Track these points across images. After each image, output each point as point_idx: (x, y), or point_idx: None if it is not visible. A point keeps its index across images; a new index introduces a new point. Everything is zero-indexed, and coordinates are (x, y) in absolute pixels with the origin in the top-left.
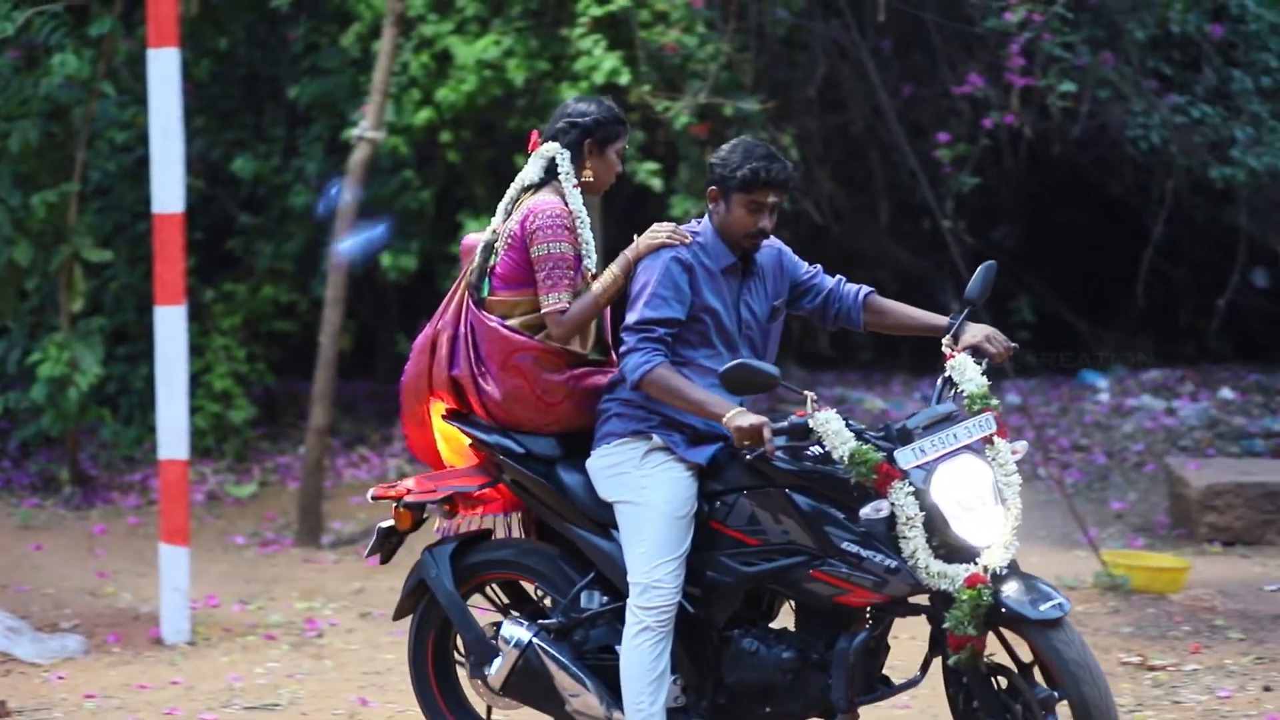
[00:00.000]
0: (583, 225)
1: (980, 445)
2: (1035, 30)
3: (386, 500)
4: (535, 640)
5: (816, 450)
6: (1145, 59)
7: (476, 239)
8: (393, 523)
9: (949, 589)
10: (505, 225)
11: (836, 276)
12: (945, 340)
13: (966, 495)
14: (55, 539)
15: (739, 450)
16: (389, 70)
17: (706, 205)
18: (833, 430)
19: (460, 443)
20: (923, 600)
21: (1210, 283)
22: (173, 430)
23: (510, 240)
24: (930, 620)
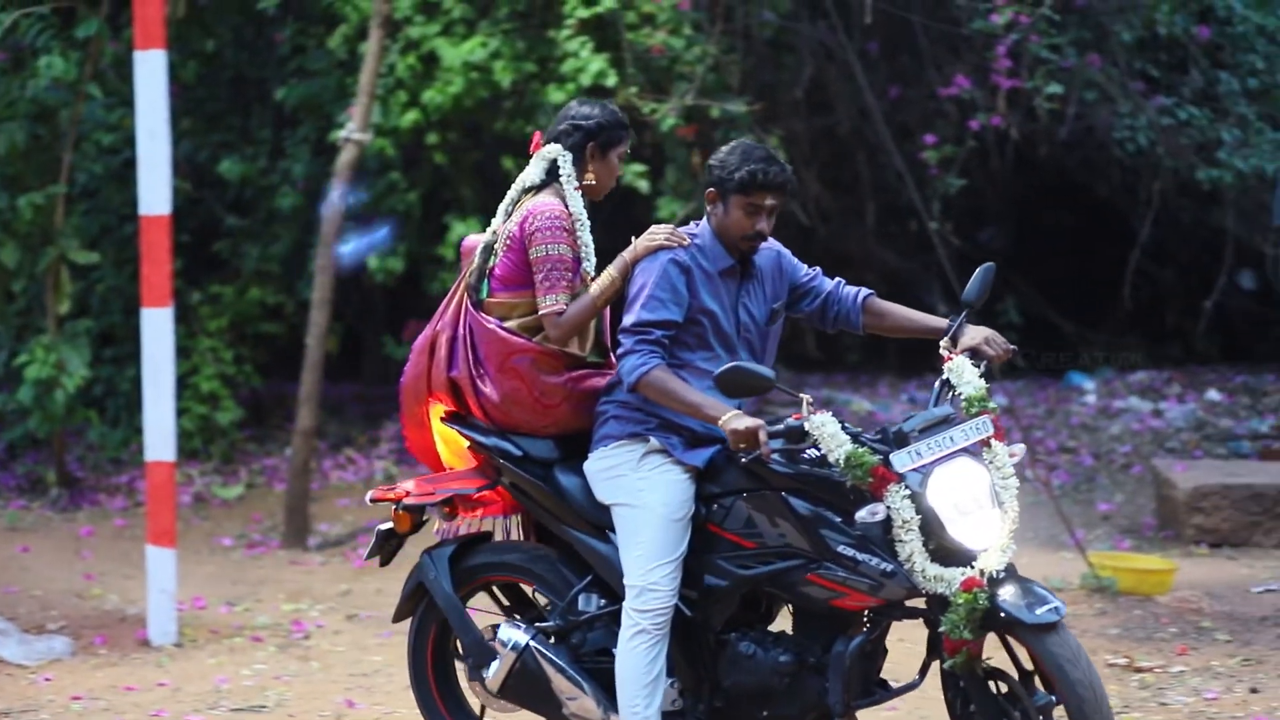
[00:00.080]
0: (582, 228)
1: (977, 448)
2: (1022, 32)
3: (385, 502)
4: (532, 643)
5: (813, 453)
6: (1132, 61)
7: (477, 240)
8: (392, 525)
9: (945, 592)
10: (505, 226)
11: (836, 279)
12: (943, 343)
13: (963, 498)
14: (42, 541)
15: (735, 453)
16: (376, 72)
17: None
18: (828, 433)
19: (459, 444)
20: (920, 604)
21: (1197, 284)
22: (159, 432)
23: (509, 241)
24: (927, 624)
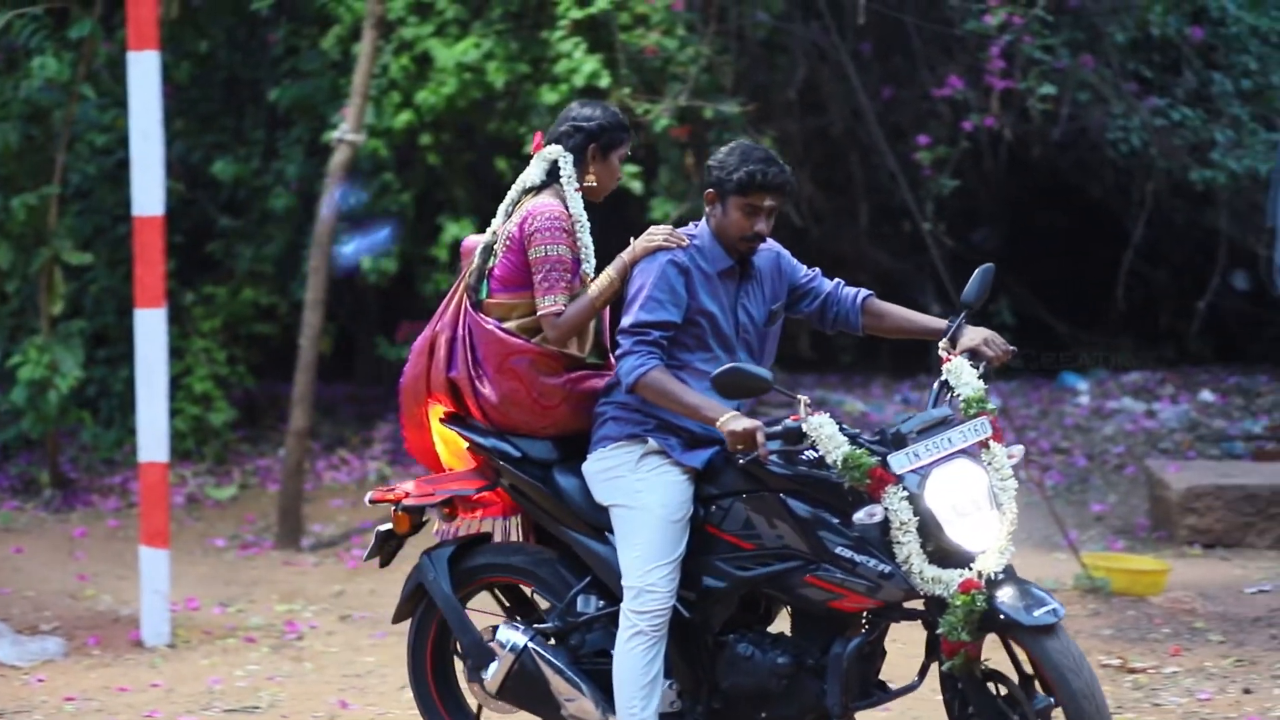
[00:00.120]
0: (582, 229)
1: (976, 450)
2: (1015, 33)
3: (385, 503)
4: (531, 644)
5: (811, 455)
6: (1125, 62)
7: (477, 240)
8: (391, 526)
9: (943, 594)
10: (505, 227)
11: (835, 280)
12: (942, 344)
13: (961, 500)
14: (35, 541)
15: (733, 455)
16: (369, 73)
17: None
18: (826, 435)
19: (459, 445)
20: (918, 605)
21: (1190, 285)
22: (153, 433)
23: (509, 242)
24: (925, 626)
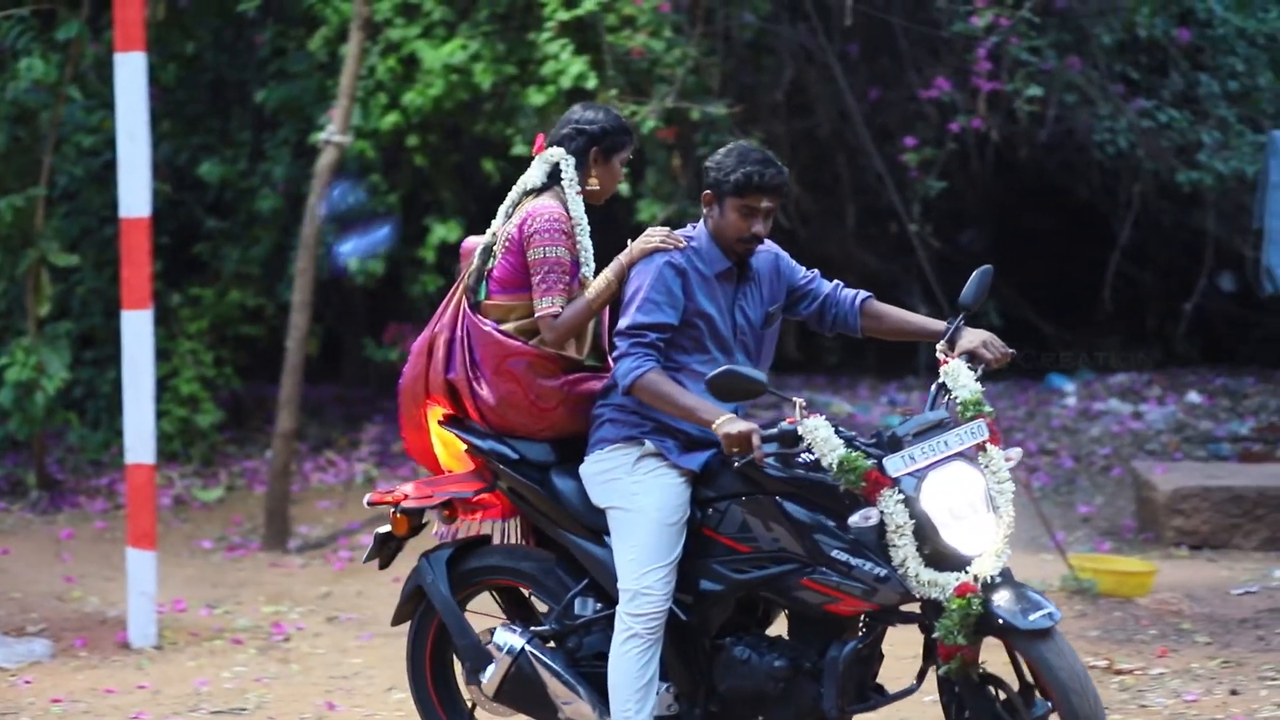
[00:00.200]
0: (582, 232)
1: (973, 452)
2: (1002, 34)
3: (383, 505)
4: (528, 647)
5: (808, 457)
6: (1112, 63)
7: (476, 241)
8: (390, 528)
9: (939, 598)
10: (504, 228)
11: (834, 281)
12: (940, 345)
13: (958, 503)
14: (22, 543)
15: (728, 457)
16: (356, 74)
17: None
18: (821, 437)
19: (457, 447)
20: (915, 609)
21: (1177, 287)
22: (139, 434)
23: (508, 243)
24: (922, 629)
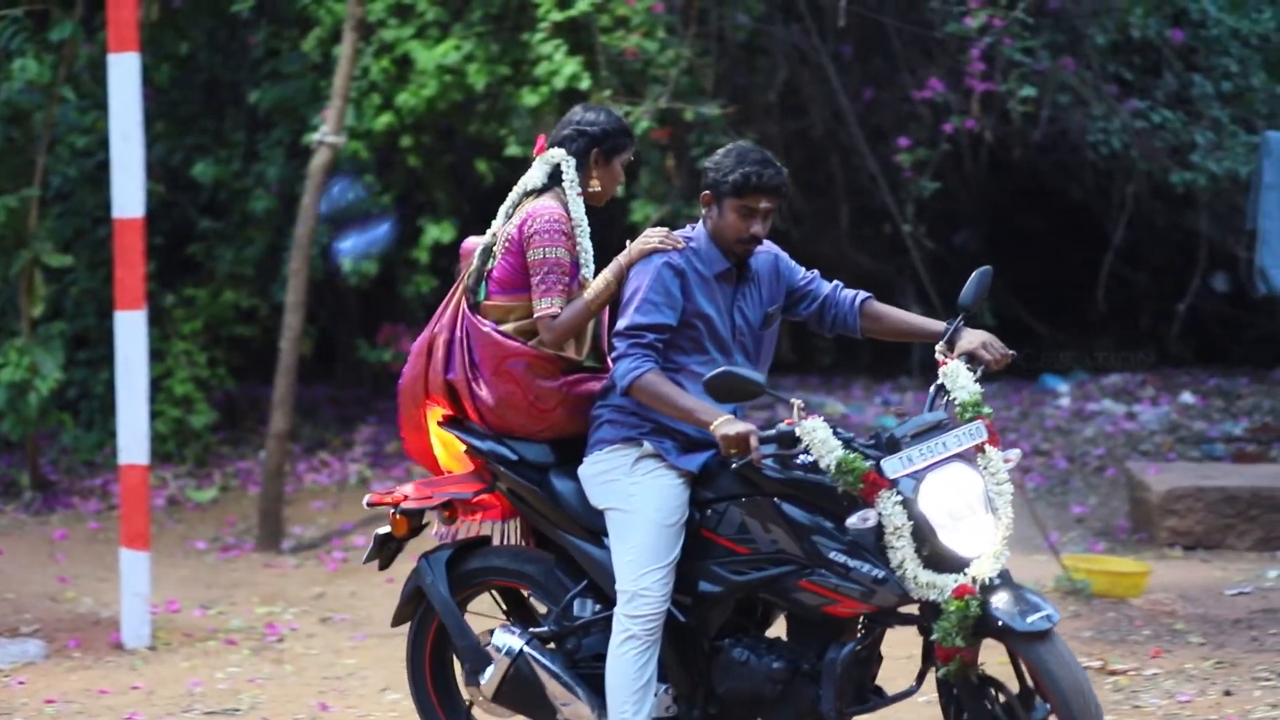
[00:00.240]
0: (582, 233)
1: (972, 453)
2: (995, 35)
3: (382, 506)
4: (527, 649)
5: (806, 459)
6: (1106, 64)
7: (476, 242)
8: (390, 529)
9: (938, 599)
10: (504, 229)
11: (834, 282)
12: (939, 346)
13: (956, 504)
14: (16, 544)
15: (726, 459)
16: (349, 75)
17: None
18: (819, 439)
19: (457, 448)
20: (914, 610)
21: (1171, 287)
22: (133, 435)
23: (508, 244)
24: (921, 631)
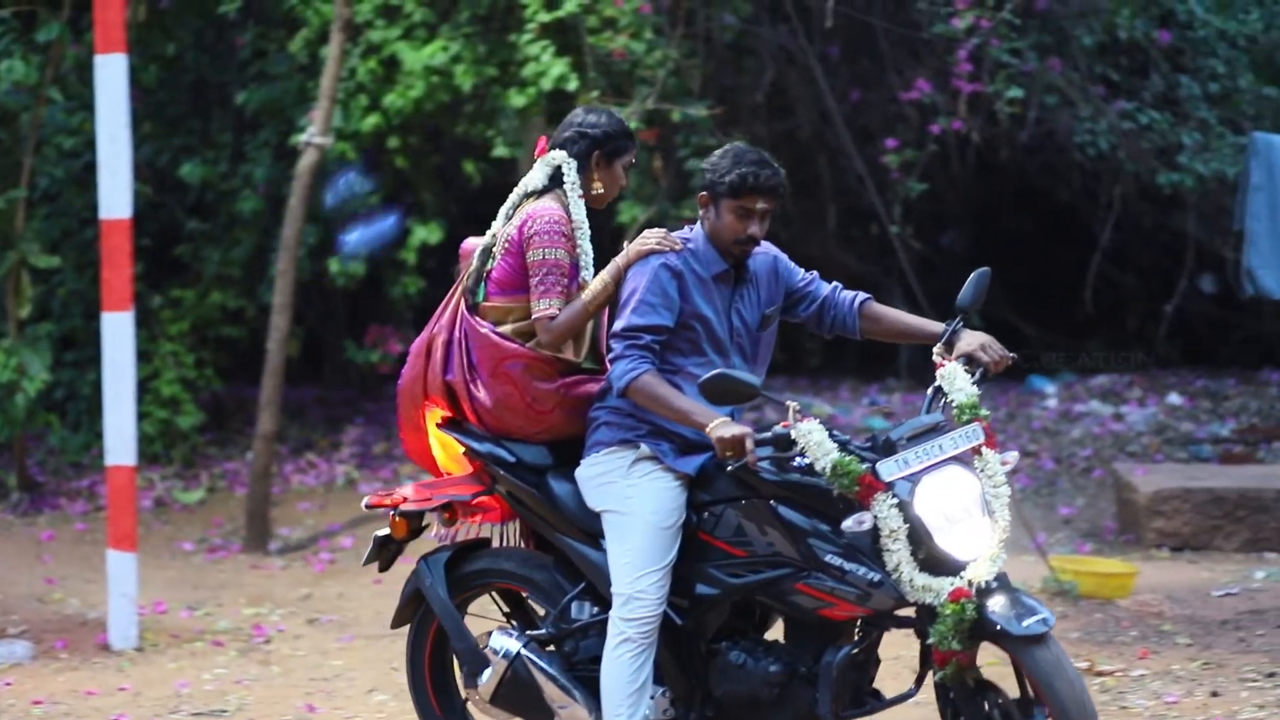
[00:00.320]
0: (582, 235)
1: (969, 456)
2: (983, 36)
3: (381, 508)
4: (524, 651)
5: (802, 461)
6: (1093, 65)
7: (476, 243)
8: (389, 531)
9: (934, 603)
10: (504, 230)
11: (833, 283)
12: (937, 348)
13: (952, 507)
14: (2, 545)
15: (722, 461)
16: (337, 76)
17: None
18: (815, 441)
19: (456, 449)
20: (911, 613)
21: (1158, 288)
22: (120, 436)
23: (508, 245)
24: (918, 634)
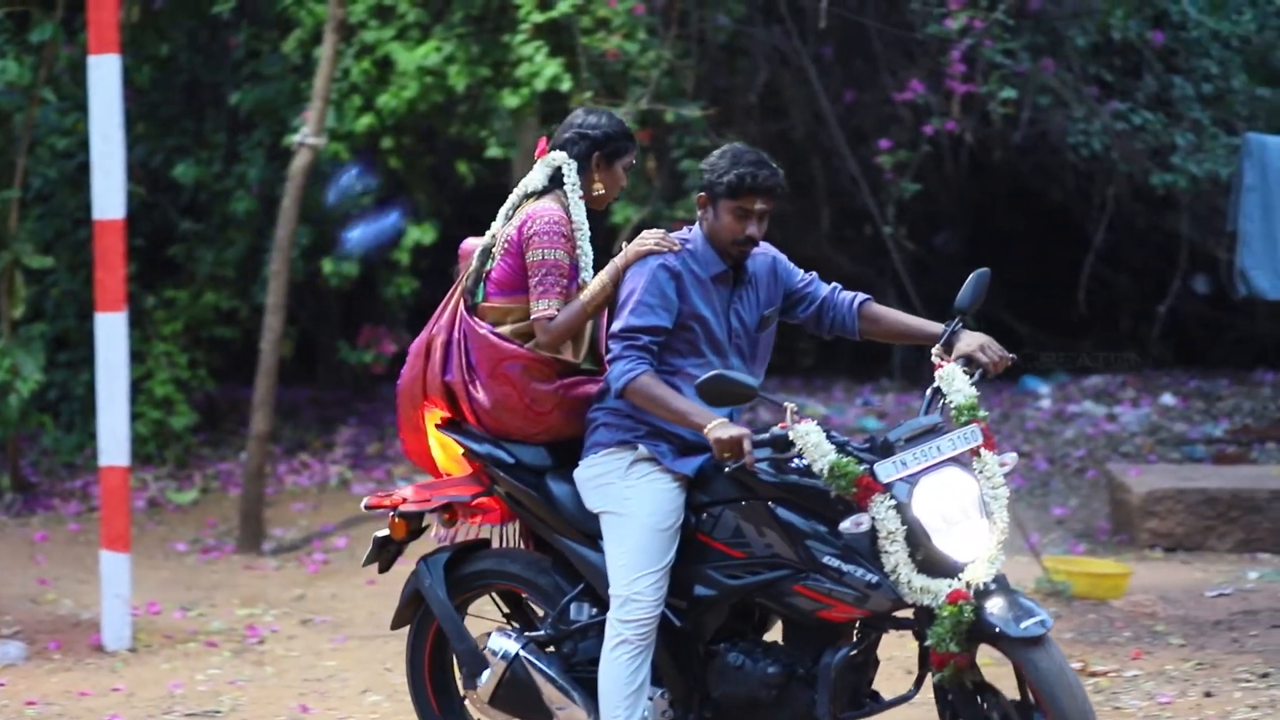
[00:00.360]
0: (582, 237)
1: (967, 457)
2: (976, 37)
3: (382, 509)
4: (523, 652)
5: (800, 462)
6: (1086, 66)
7: (475, 243)
8: (388, 531)
9: (931, 604)
10: (503, 230)
11: (832, 284)
12: (935, 349)
13: (950, 509)
14: None
15: (720, 462)
16: (330, 76)
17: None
18: (812, 442)
19: (456, 450)
20: (909, 615)
21: (1151, 289)
22: (114, 437)
23: (507, 245)
24: (916, 636)
